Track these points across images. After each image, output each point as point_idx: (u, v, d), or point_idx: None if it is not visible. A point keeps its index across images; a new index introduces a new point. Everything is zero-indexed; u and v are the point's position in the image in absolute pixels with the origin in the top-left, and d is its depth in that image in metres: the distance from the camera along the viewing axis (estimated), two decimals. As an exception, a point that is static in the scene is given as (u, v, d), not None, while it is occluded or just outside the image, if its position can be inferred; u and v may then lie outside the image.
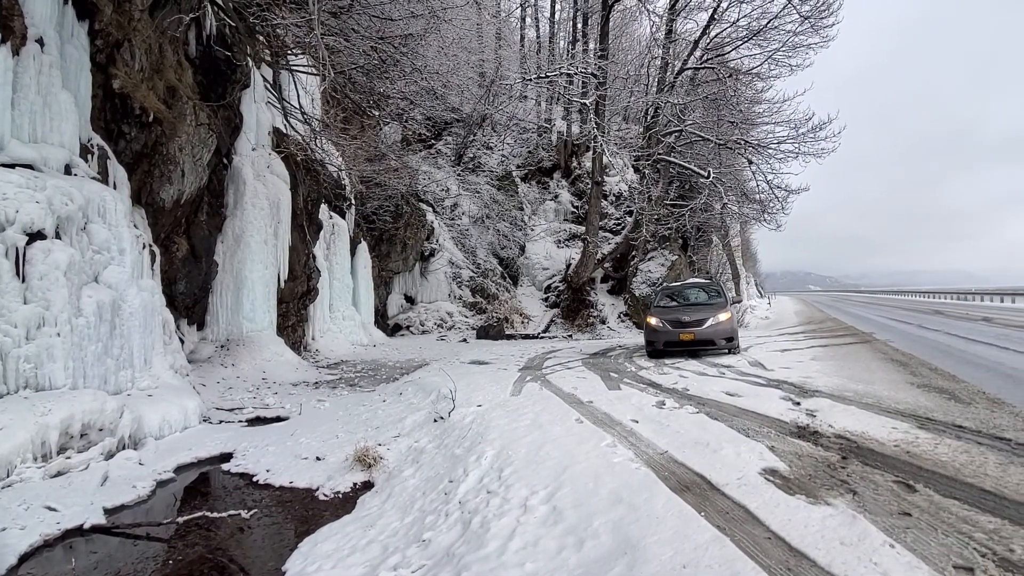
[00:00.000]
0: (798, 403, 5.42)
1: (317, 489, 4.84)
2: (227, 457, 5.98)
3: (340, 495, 4.70)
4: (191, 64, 10.33)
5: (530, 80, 15.00)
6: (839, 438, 4.14)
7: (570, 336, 18.79)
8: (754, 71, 18.69)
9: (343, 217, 15.88)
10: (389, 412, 7.09)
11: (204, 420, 7.45)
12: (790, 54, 18.16)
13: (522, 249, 23.03)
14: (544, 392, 6.82)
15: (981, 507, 2.78)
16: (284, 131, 12.70)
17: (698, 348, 9.70)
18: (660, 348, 9.86)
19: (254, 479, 5.23)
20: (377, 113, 22.93)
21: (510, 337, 18.54)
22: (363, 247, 16.87)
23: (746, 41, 18.24)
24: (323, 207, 14.85)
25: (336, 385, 9.75)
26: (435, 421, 6.00)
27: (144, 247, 7.65)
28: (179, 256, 10.01)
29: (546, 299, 21.82)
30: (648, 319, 10.21)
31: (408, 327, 18.92)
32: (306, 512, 4.46)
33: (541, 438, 4.61)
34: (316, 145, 13.82)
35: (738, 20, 18.33)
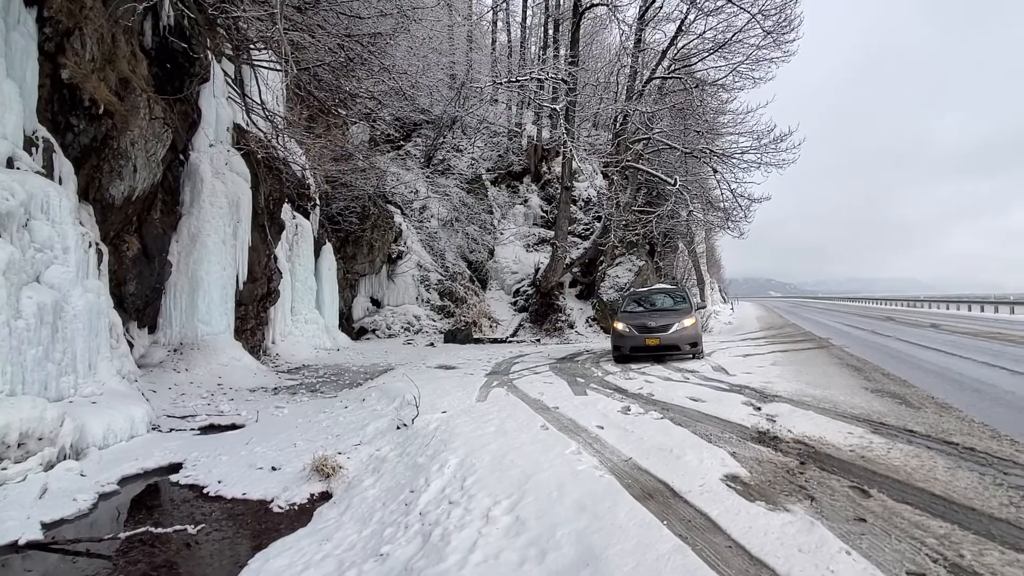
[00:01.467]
0: (759, 408, 5.52)
1: (271, 501, 4.64)
2: (176, 467, 5.69)
3: (296, 507, 4.52)
4: (146, 55, 9.91)
5: (500, 84, 14.94)
6: (798, 443, 4.22)
7: (538, 340, 18.80)
8: (719, 82, 19.19)
9: (307, 217, 15.50)
10: (351, 419, 6.91)
11: (153, 428, 7.11)
12: (753, 67, 18.69)
13: (491, 253, 22.96)
14: (510, 398, 6.76)
15: (932, 512, 2.85)
16: (245, 127, 12.31)
17: (663, 353, 9.82)
18: (626, 353, 9.94)
19: (204, 491, 4.98)
20: (344, 112, 22.57)
21: (478, 341, 18.43)
22: (328, 248, 16.50)
23: (712, 53, 18.69)
24: (286, 207, 14.47)
25: (296, 391, 9.46)
26: (398, 428, 5.86)
27: (90, 246, 7.26)
28: (129, 256, 9.55)
29: (515, 303, 21.80)
30: (615, 324, 10.29)
31: (374, 331, 18.59)
32: (259, 526, 4.27)
33: (506, 445, 4.54)
34: (279, 143, 13.47)
35: (704, 32, 18.77)
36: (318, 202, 16.13)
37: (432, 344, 17.50)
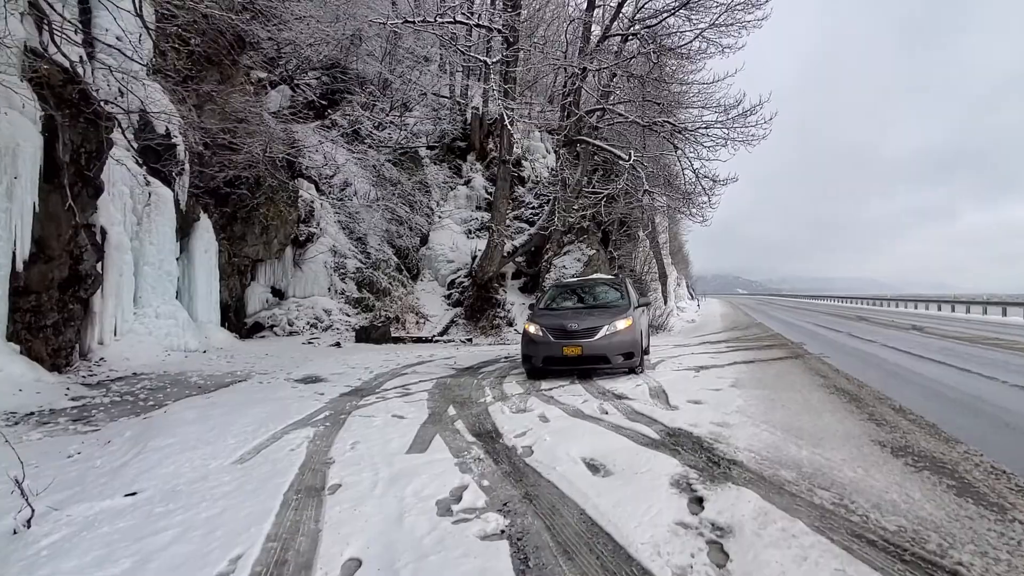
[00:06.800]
0: (700, 501, 2.87)
1: None
2: None
3: None
4: None
5: (414, 23, 11.97)
6: None
7: (469, 340, 16.05)
8: (684, 48, 16.69)
9: (170, 185, 12.32)
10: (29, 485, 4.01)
11: None
12: (721, 32, 16.28)
13: (425, 238, 20.04)
14: (289, 460, 3.94)
15: None
16: (48, 55, 9.09)
17: (588, 367, 7.16)
18: (539, 366, 7.22)
19: None
20: (264, 75, 19.30)
21: (397, 340, 15.57)
22: (204, 225, 13.33)
23: (674, 12, 16.17)
24: (135, 168, 11.32)
25: (53, 420, 6.44)
26: (15, 533, 3.02)
27: None
28: None
29: (449, 296, 18.95)
30: (526, 326, 7.55)
31: (272, 327, 15.49)
32: None
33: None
34: (117, 82, 10.40)
35: (667, -12, 16.22)
36: (187, 167, 12.93)
37: (338, 344, 14.55)
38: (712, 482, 3.14)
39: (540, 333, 7.17)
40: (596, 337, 6.94)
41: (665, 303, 24.77)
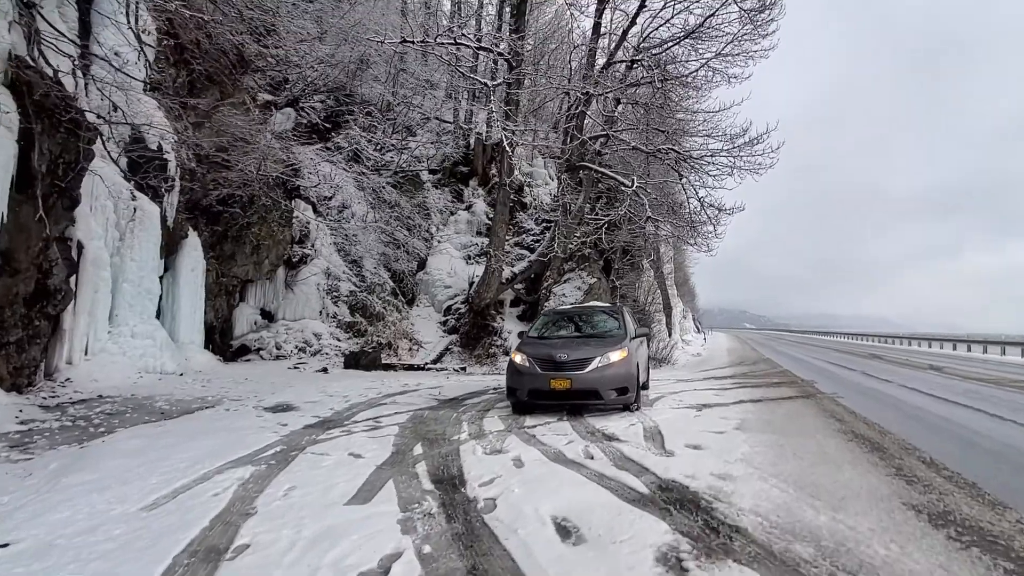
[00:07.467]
0: (691, 586, 2.25)
1: None
2: None
3: None
4: None
5: (413, 43, 11.81)
6: None
7: (463, 369, 15.40)
8: (689, 76, 16.48)
9: (159, 201, 11.98)
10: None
11: None
12: (727, 61, 16.09)
13: (422, 263, 19.59)
14: (204, 508, 3.33)
15: None
16: (35, 64, 8.85)
17: (577, 402, 6.52)
18: (524, 400, 6.59)
19: None
20: (271, 98, 19.31)
21: (388, 367, 14.94)
22: (192, 243, 12.93)
23: (679, 41, 16.01)
24: (123, 183, 11.02)
25: (-13, 446, 5.89)
26: None
27: None
28: None
29: (445, 323, 18.37)
30: (512, 355, 6.96)
31: (259, 350, 14.94)
32: None
33: None
34: (101, 93, 10.15)
35: (672, 18, 16.12)
36: (177, 183, 12.62)
37: (325, 370, 13.94)
38: (708, 558, 2.51)
39: (527, 363, 6.56)
40: (587, 369, 6.32)
41: (669, 335, 24.06)
